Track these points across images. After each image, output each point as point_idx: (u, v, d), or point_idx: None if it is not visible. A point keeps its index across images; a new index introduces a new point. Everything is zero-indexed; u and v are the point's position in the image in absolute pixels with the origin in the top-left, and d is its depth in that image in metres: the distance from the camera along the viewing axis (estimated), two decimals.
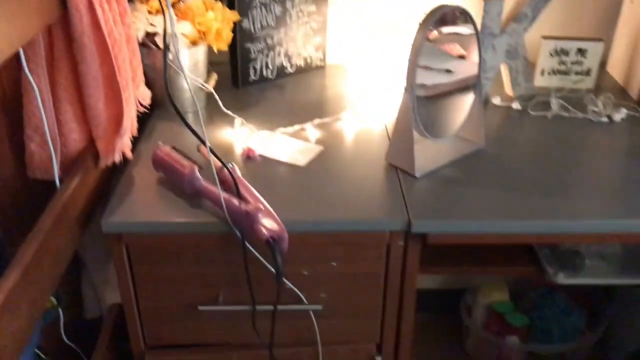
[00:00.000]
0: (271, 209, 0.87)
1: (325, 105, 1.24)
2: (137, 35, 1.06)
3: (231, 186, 0.88)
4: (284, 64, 1.34)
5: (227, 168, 0.88)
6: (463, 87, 1.05)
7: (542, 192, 0.98)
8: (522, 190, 0.98)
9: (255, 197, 0.88)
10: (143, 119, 1.11)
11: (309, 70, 1.39)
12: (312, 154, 1.06)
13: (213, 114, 1.17)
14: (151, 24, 1.10)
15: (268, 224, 0.83)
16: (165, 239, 0.91)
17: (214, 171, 0.87)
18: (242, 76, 1.29)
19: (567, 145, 1.11)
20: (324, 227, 0.90)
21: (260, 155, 1.06)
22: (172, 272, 0.94)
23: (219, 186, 0.86)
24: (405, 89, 0.95)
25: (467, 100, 1.06)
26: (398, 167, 1.02)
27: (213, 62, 1.22)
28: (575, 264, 1.42)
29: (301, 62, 1.37)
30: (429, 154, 1.04)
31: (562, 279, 1.42)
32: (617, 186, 1.01)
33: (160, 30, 1.09)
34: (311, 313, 0.97)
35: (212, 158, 0.87)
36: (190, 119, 1.18)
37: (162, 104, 1.16)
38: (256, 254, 0.88)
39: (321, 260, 0.94)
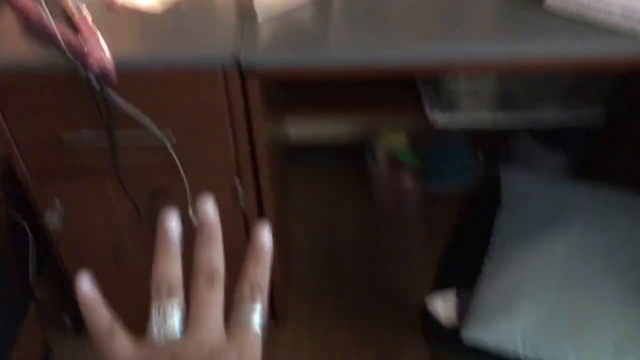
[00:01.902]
0: (104, 45, 0.95)
1: None
2: None
3: (77, 26, 0.96)
4: None
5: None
6: None
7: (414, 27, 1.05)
8: (385, 24, 1.05)
9: (90, 30, 0.96)
10: None
11: None
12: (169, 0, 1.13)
13: None
14: None
15: (98, 56, 0.92)
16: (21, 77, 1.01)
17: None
18: None
19: None
20: (162, 62, 1.00)
21: (122, 3, 1.12)
22: (37, 106, 1.05)
23: (51, 20, 0.94)
24: None
25: None
26: (244, 11, 1.09)
27: None
28: (453, 105, 1.52)
29: None
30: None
31: (441, 119, 1.53)
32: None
33: None
34: (167, 143, 1.09)
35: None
36: None
37: None
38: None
39: (168, 95, 1.04)
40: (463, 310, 0.99)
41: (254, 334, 0.41)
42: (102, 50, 0.94)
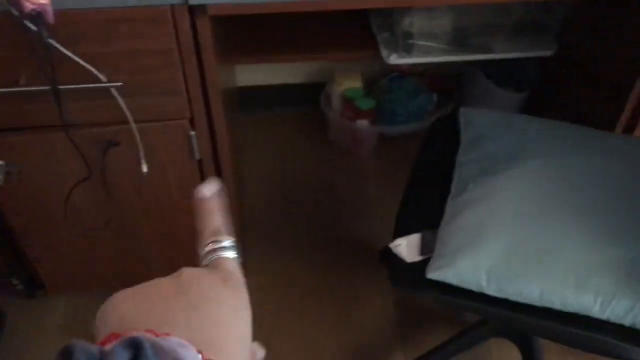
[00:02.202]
0: None
1: None
2: None
3: None
4: None
5: None
6: None
7: None
8: None
9: None
10: None
11: None
12: None
13: None
14: None
15: None
16: None
17: None
18: None
19: None
20: (106, 3, 0.92)
21: None
22: None
23: None
24: None
25: None
26: None
27: None
28: (407, 45, 1.49)
29: None
30: None
31: (395, 59, 1.50)
32: None
33: None
34: (114, 91, 1.03)
35: None
36: None
37: None
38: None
39: (113, 38, 0.97)
40: (427, 251, 1.00)
41: (231, 262, 0.47)
42: None
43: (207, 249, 0.47)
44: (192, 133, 1.14)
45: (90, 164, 1.13)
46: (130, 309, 0.42)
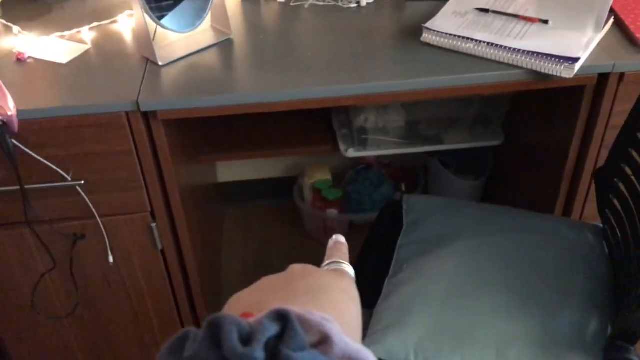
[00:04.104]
0: (7, 94, 1.01)
1: (106, 8, 1.36)
2: None
3: None
4: None
5: None
6: None
7: (289, 68, 1.13)
8: (265, 68, 1.13)
9: None
10: None
11: None
12: (77, 52, 1.19)
13: None
14: None
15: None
16: None
17: None
18: None
19: (312, 29, 1.27)
20: (68, 112, 1.05)
21: (30, 57, 1.18)
22: None
23: None
24: None
25: None
26: (147, 58, 1.16)
27: None
28: (362, 139, 1.61)
29: None
30: (175, 45, 1.19)
31: (352, 153, 1.62)
32: (340, 60, 1.17)
33: None
34: (79, 189, 1.14)
35: None
36: None
37: None
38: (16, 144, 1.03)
39: (75, 142, 1.10)
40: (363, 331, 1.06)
41: (348, 275, 0.50)
42: (4, 99, 0.99)
43: (330, 261, 0.52)
44: (154, 225, 1.23)
45: (58, 256, 1.22)
46: (254, 296, 0.43)
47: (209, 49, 1.21)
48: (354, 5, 1.34)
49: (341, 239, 0.57)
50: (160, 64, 1.14)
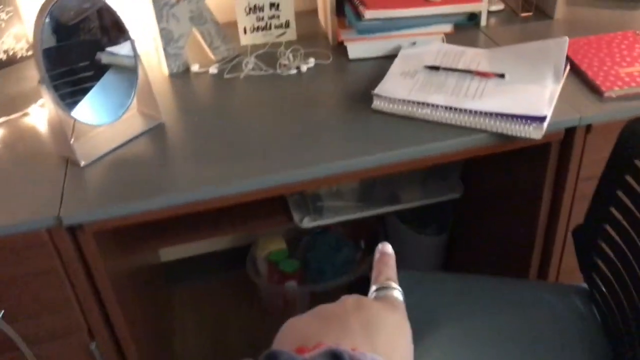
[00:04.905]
0: None
1: (15, 99, 1.20)
2: None
3: None
4: None
5: None
6: (122, 66, 1.05)
7: (226, 156, 1.00)
8: (203, 158, 1.00)
9: None
10: None
11: (13, 62, 1.33)
12: None
13: None
14: None
15: None
16: None
17: None
18: None
19: (251, 104, 1.15)
20: None
21: None
22: None
23: None
24: (40, 82, 0.93)
25: (132, 78, 1.06)
26: (67, 157, 1.01)
27: None
28: (316, 207, 1.49)
29: (2, 56, 1.31)
30: (99, 139, 1.05)
31: (307, 223, 1.50)
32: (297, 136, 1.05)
33: None
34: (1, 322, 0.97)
35: None
36: None
37: None
38: None
39: None
40: None
41: (399, 299, 0.48)
42: None
43: (378, 285, 0.49)
44: (93, 346, 1.07)
45: None
46: (308, 325, 0.44)
47: (138, 139, 1.07)
48: (293, 72, 1.23)
49: (388, 248, 0.54)
50: (82, 164, 1.00)
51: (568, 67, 1.13)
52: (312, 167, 0.97)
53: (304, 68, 1.23)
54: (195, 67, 1.26)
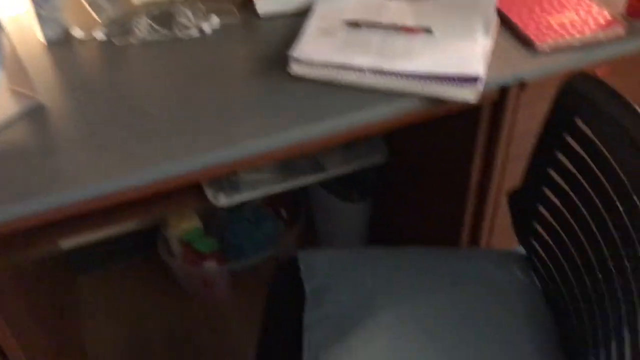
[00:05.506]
0: None
1: None
2: None
3: None
4: None
5: None
6: None
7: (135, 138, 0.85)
8: (97, 144, 0.84)
9: None
10: None
11: None
12: None
13: None
14: None
15: None
16: None
17: None
18: None
19: (149, 75, 0.99)
20: None
21: None
22: None
23: None
24: None
25: None
26: None
27: None
28: (232, 182, 1.37)
29: None
30: None
31: (223, 200, 1.37)
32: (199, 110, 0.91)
33: None
34: None
35: None
36: None
37: None
38: None
39: None
40: None
41: None
42: None
43: None
44: None
45: None
46: None
47: (13, 125, 0.89)
48: (195, 34, 1.08)
49: None
50: None
51: (497, 19, 1.05)
52: (227, 150, 0.84)
53: (207, 29, 1.08)
54: (77, 32, 1.08)
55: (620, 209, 0.77)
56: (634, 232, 0.73)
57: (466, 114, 1.08)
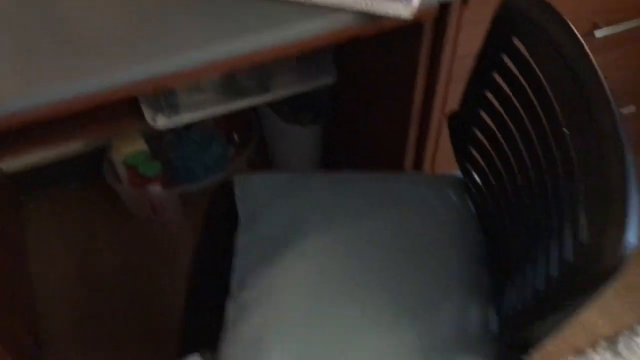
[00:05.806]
0: None
1: None
2: None
3: None
4: None
5: None
6: None
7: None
8: (22, 55, 0.79)
9: None
10: None
11: None
12: None
13: None
14: None
15: None
16: None
17: None
18: None
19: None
20: None
21: None
22: None
23: None
24: None
25: None
26: None
27: None
28: (171, 103, 1.32)
29: None
30: None
31: (162, 122, 1.32)
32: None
33: None
34: None
35: None
36: None
37: None
38: None
39: None
40: None
41: None
42: None
43: None
44: None
45: None
46: None
47: None
48: None
49: None
50: None
51: None
52: (165, 60, 0.79)
53: None
54: None
55: (548, 130, 0.75)
56: (557, 153, 0.72)
57: (409, 32, 1.04)
